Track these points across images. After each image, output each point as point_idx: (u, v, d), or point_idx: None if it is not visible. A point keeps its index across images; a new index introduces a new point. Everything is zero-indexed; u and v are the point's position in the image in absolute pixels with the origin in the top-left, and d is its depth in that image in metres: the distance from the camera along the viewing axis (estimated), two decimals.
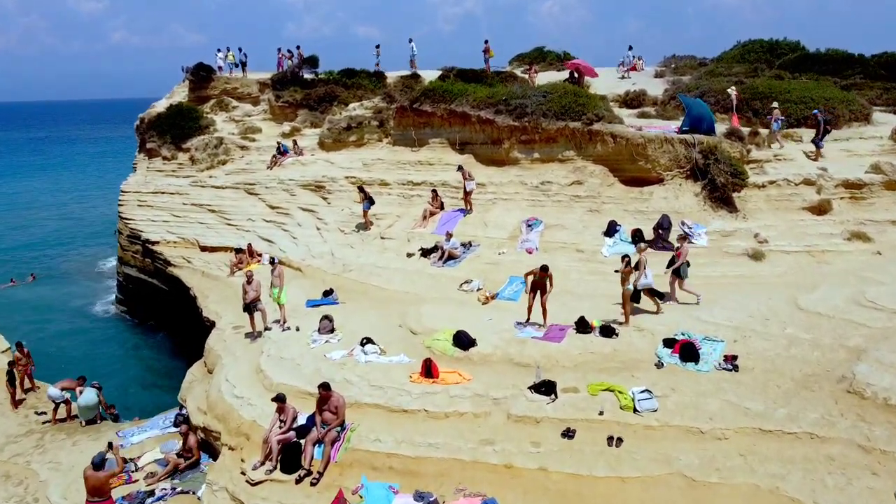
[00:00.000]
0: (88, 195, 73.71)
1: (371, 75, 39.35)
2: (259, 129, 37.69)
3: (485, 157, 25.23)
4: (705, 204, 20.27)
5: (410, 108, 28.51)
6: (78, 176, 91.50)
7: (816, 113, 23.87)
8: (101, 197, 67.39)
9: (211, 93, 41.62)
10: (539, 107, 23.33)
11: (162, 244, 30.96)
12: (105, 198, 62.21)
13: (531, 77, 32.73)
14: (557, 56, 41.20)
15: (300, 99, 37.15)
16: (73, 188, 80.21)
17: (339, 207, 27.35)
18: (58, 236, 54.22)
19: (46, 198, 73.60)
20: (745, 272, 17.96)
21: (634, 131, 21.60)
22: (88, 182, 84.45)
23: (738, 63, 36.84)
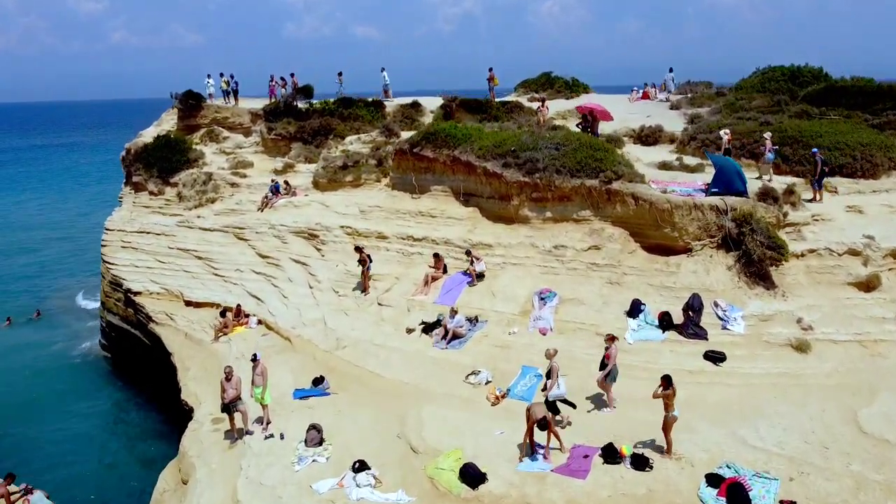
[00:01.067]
0: (87, 214, 71.41)
1: (369, 105, 37.23)
2: (250, 163, 35.57)
3: (492, 213, 23.10)
4: (739, 279, 18.13)
5: (410, 153, 26.38)
6: (77, 189, 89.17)
7: (815, 152, 22.00)
8: (103, 214, 65.05)
9: (201, 122, 39.49)
10: (552, 162, 21.18)
11: (144, 295, 28.92)
12: (106, 215, 60.01)
13: (542, 113, 30.53)
14: (566, 83, 39.04)
15: (294, 132, 35.02)
16: (72, 203, 77.74)
17: (334, 262, 25.24)
18: (50, 263, 52.03)
19: (44, 215, 71.44)
20: (789, 368, 15.83)
21: (659, 194, 19.44)
22: (89, 196, 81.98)
23: (758, 92, 34.67)
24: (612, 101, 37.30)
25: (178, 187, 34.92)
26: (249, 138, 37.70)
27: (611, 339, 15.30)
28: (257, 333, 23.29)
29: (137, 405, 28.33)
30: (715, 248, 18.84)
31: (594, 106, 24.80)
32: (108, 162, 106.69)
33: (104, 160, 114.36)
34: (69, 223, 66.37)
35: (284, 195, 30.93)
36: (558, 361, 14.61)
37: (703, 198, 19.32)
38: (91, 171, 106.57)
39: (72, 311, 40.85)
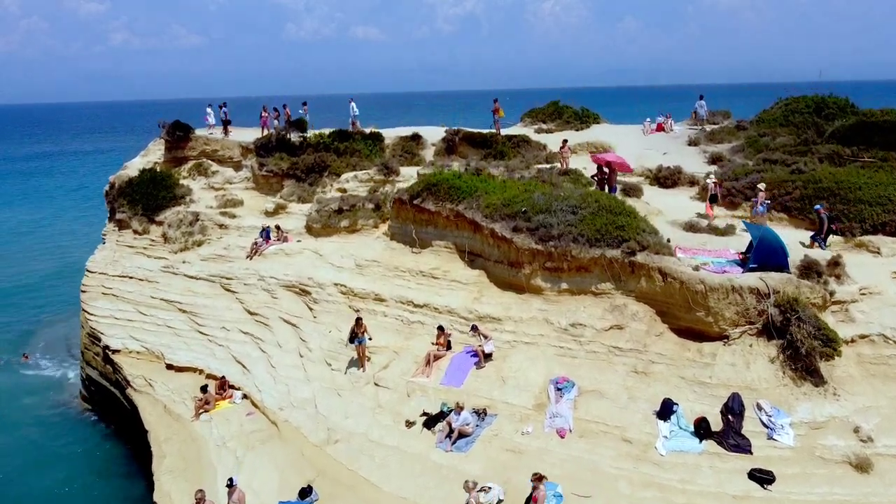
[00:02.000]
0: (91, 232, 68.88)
1: (366, 138, 35.06)
2: (240, 201, 33.46)
3: (500, 279, 20.93)
4: (784, 374, 15.95)
5: (410, 204, 24.22)
6: (79, 203, 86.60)
7: (819, 209, 20.51)
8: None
9: (189, 154, 37.40)
10: (568, 228, 19.00)
11: (123, 353, 26.84)
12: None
13: (564, 157, 28.47)
14: (575, 113, 36.85)
15: (286, 168, 32.86)
16: (73, 221, 75.05)
17: (326, 326, 23.06)
18: (40, 290, 49.77)
19: (43, 231, 69.17)
20: (850, 495, 13.65)
21: (690, 272, 17.24)
22: (94, 214, 79.27)
23: (781, 126, 32.55)
24: (624, 134, 35.24)
25: (163, 227, 32.88)
26: (240, 173, 35.56)
27: (538, 480, 13.37)
28: (242, 411, 21.16)
29: (122, 475, 26.11)
30: (755, 335, 16.64)
31: (612, 158, 22.64)
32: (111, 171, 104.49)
33: (106, 169, 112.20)
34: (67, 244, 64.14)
35: (275, 241, 28.79)
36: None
37: (740, 276, 17.12)
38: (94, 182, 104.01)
39: (59, 349, 38.65)
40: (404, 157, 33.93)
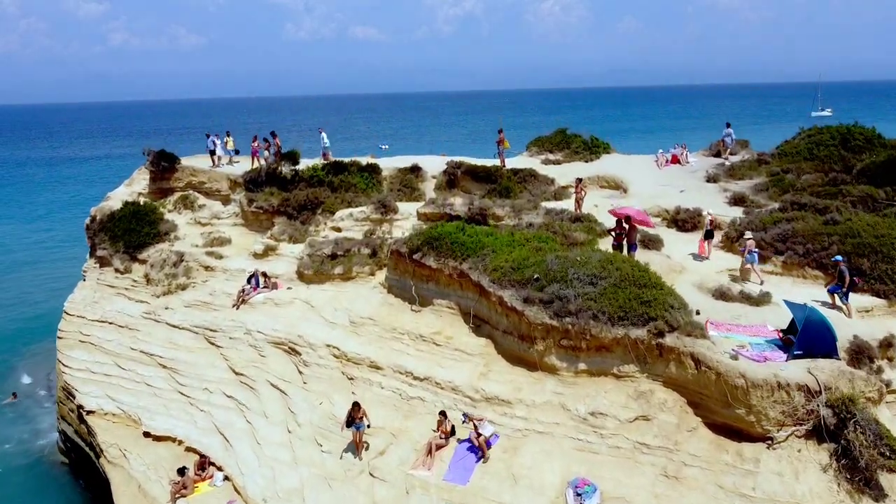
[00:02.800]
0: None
1: (363, 170, 32.94)
2: (228, 239, 31.36)
3: (510, 352, 18.86)
4: (839, 487, 13.87)
5: (409, 258, 22.15)
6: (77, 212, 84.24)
7: (839, 260, 18.74)
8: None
9: (175, 185, 35.32)
10: (587, 303, 16.91)
11: (98, 415, 24.76)
12: None
13: (579, 197, 26.43)
14: (584, 143, 34.76)
15: (277, 205, 30.73)
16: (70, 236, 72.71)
17: (317, 396, 20.99)
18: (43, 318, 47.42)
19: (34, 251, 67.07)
20: None
21: (729, 361, 15.14)
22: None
23: (805, 160, 30.50)
24: (637, 166, 33.20)
25: (146, 266, 30.80)
26: (228, 207, 33.44)
27: None
28: (222, 496, 19.12)
29: None
30: (804, 437, 14.56)
31: (632, 213, 20.53)
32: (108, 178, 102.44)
33: (103, 175, 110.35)
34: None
35: (264, 289, 26.71)
36: None
37: (786, 369, 15.02)
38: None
39: (53, 386, 36.49)
40: (403, 192, 31.88)
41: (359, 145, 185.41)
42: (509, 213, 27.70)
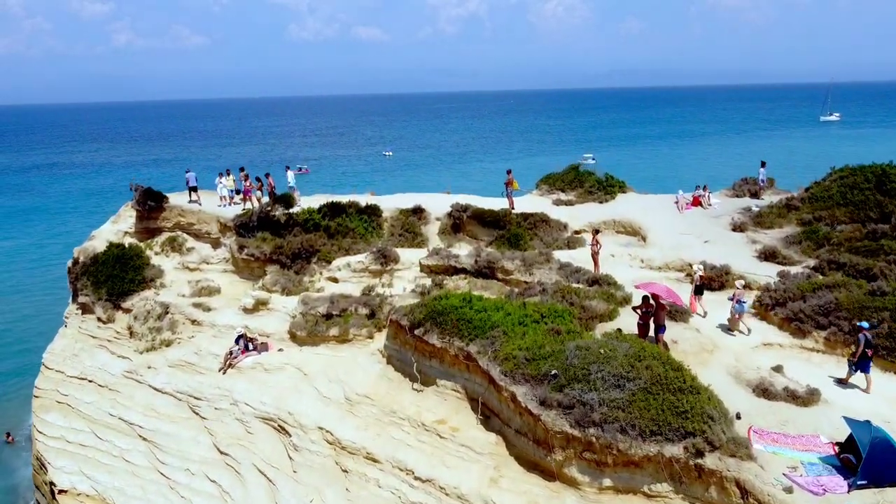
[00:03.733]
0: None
1: (361, 212, 30.81)
2: (217, 288, 29.24)
3: (524, 456, 16.71)
4: None
5: (411, 333, 20.02)
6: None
7: (863, 327, 17.07)
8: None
9: (163, 224, 33.25)
10: (613, 413, 14.73)
11: (70, 495, 22.75)
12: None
13: (594, 255, 24.31)
14: (598, 182, 32.52)
15: (269, 252, 28.62)
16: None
17: (307, 491, 18.90)
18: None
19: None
20: None
21: (781, 495, 12.94)
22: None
23: (838, 205, 28.27)
24: (655, 209, 31.01)
25: (129, 316, 28.77)
26: (218, 251, 31.36)
27: None
28: None
29: None
30: None
31: (660, 292, 18.27)
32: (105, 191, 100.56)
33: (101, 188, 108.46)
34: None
35: (252, 352, 24.62)
36: None
37: (840, 481, 12.84)
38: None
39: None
40: (405, 237, 29.77)
41: (363, 151, 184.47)
42: (519, 266, 25.61)
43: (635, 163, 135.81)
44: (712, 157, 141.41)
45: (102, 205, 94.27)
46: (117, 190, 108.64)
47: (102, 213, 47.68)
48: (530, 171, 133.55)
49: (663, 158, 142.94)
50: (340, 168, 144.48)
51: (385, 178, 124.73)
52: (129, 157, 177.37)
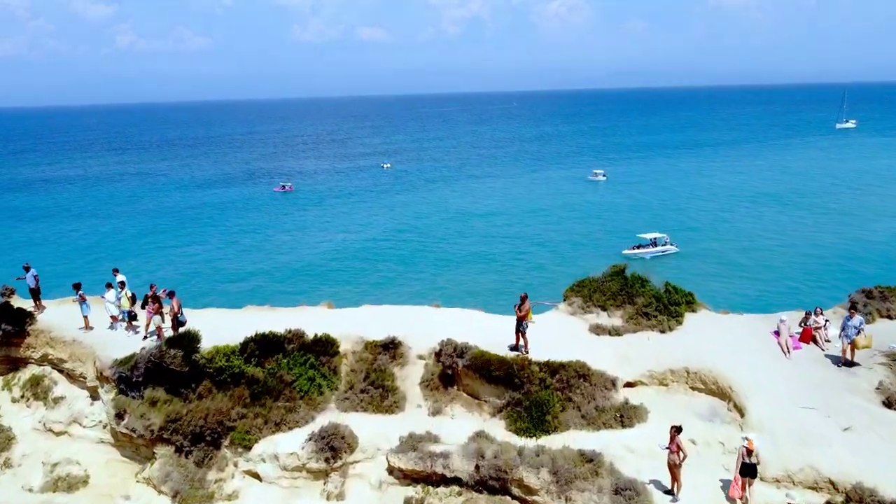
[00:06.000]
0: None
1: (308, 348, 20.59)
2: (83, 479, 19.34)
3: None
4: None
5: None
6: None
7: None
8: None
9: (28, 354, 23.16)
10: None
11: None
12: None
13: (672, 463, 14.48)
14: (655, 297, 21.94)
15: (160, 426, 18.54)
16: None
17: None
18: None
19: None
20: None
21: None
22: None
23: None
24: (746, 342, 20.69)
25: None
26: (96, 405, 21.27)
27: None
28: None
29: None
30: None
31: None
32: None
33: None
34: None
35: None
36: None
37: None
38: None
39: None
40: (369, 395, 19.60)
41: (359, 163, 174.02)
42: (548, 483, 15.63)
43: (655, 181, 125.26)
44: (738, 172, 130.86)
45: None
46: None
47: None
48: (538, 188, 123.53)
49: (685, 175, 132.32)
50: (332, 184, 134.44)
51: (378, 197, 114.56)
52: (116, 167, 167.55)
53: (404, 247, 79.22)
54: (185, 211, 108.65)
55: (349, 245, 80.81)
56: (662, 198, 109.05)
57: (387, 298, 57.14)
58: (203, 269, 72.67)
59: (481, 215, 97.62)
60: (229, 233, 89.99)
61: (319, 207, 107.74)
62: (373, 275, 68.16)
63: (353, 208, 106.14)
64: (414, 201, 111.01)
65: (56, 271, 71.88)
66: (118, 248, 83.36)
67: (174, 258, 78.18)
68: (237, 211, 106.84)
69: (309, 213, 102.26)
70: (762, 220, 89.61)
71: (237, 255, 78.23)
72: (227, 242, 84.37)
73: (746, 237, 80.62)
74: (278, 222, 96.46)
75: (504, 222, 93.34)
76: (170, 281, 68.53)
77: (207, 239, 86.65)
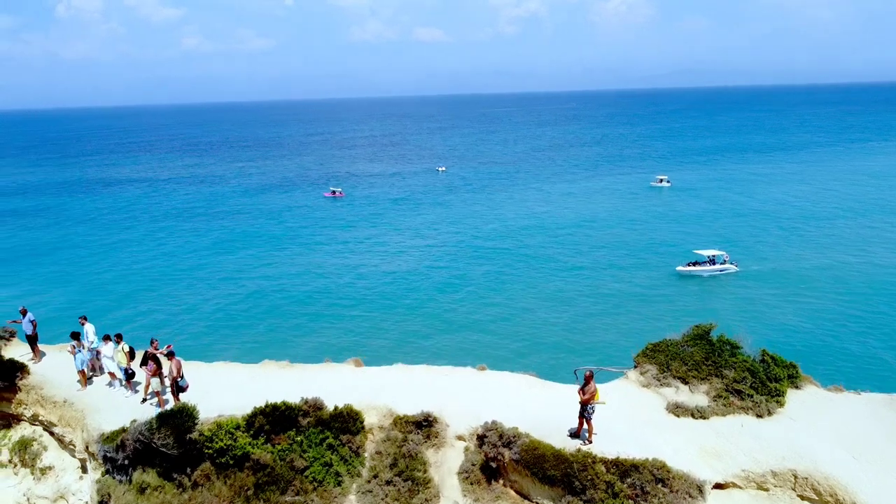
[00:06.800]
0: None
1: (326, 424, 17.29)
2: None
3: None
4: None
5: None
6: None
7: None
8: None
9: (19, 411, 20.58)
10: None
11: None
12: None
13: None
14: (749, 368, 17.69)
15: None
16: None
17: None
18: None
19: None
20: None
21: None
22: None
23: None
24: (872, 434, 16.43)
25: None
26: (84, 480, 18.46)
27: None
28: None
29: None
30: None
31: None
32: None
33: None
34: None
35: None
36: None
37: None
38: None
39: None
40: (396, 486, 16.16)
41: (413, 166, 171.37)
42: None
43: (721, 188, 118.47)
44: (812, 180, 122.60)
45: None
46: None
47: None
48: (597, 194, 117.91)
49: (753, 181, 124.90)
50: (384, 188, 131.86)
51: (430, 207, 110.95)
52: (173, 172, 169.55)
53: (445, 272, 73.34)
54: (236, 216, 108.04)
55: (391, 264, 76.99)
56: (729, 206, 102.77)
57: (425, 333, 53.70)
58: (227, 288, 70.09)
59: (537, 226, 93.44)
60: (268, 246, 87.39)
61: (367, 217, 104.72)
62: (410, 300, 64.34)
63: (403, 217, 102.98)
64: (466, 210, 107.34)
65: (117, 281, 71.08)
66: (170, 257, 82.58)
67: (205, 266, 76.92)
68: (283, 218, 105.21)
69: (356, 227, 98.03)
70: (845, 233, 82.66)
71: (260, 271, 75.62)
72: (260, 257, 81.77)
73: (823, 252, 74.10)
74: (320, 234, 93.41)
75: (562, 233, 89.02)
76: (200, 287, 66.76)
77: (250, 255, 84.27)
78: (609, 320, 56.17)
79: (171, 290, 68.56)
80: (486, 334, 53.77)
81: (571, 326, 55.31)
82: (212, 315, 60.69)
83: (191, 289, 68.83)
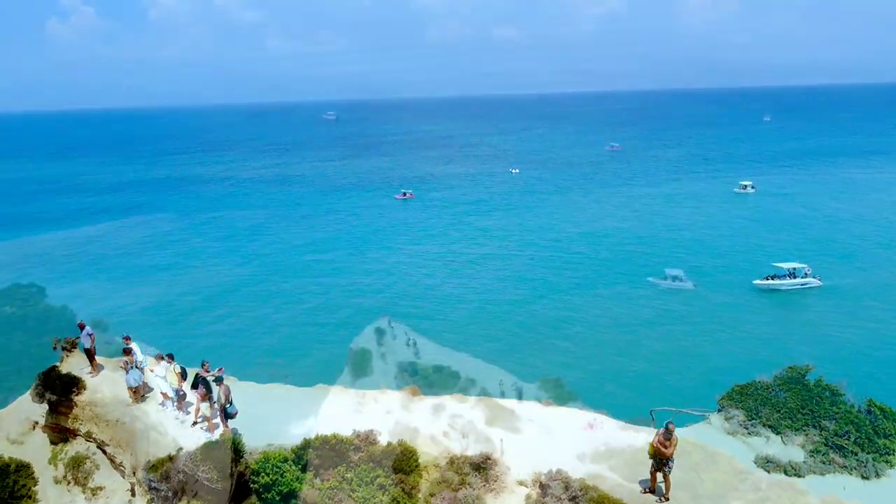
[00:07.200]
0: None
1: (377, 460, 16.14)
2: None
3: None
4: None
5: None
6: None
7: None
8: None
9: (76, 425, 20.35)
10: None
11: None
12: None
13: None
14: (854, 421, 15.15)
15: None
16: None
17: None
18: None
19: None
20: None
21: None
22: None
23: None
24: None
25: None
26: (135, 501, 17.94)
27: None
28: None
29: None
30: None
31: None
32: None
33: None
34: None
35: None
36: None
37: None
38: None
39: None
40: None
41: (487, 167, 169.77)
42: None
43: (810, 194, 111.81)
44: None
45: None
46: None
47: None
48: (678, 199, 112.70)
49: (845, 188, 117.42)
50: (456, 190, 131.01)
51: (504, 213, 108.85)
52: (265, 170, 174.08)
53: (520, 282, 71.74)
54: (310, 218, 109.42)
55: (455, 274, 75.54)
56: (819, 214, 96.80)
57: (489, 353, 51.79)
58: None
59: (614, 233, 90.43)
60: (335, 248, 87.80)
61: (437, 220, 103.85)
62: (472, 308, 62.85)
63: (473, 221, 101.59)
64: (540, 216, 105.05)
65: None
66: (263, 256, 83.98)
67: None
68: (354, 220, 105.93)
69: (424, 233, 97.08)
70: None
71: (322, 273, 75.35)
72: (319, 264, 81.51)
73: None
74: (385, 237, 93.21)
75: (638, 241, 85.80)
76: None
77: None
78: (677, 346, 52.97)
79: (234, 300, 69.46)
80: (557, 353, 51.84)
81: (635, 351, 52.48)
82: (278, 331, 60.93)
83: (252, 301, 69.41)
